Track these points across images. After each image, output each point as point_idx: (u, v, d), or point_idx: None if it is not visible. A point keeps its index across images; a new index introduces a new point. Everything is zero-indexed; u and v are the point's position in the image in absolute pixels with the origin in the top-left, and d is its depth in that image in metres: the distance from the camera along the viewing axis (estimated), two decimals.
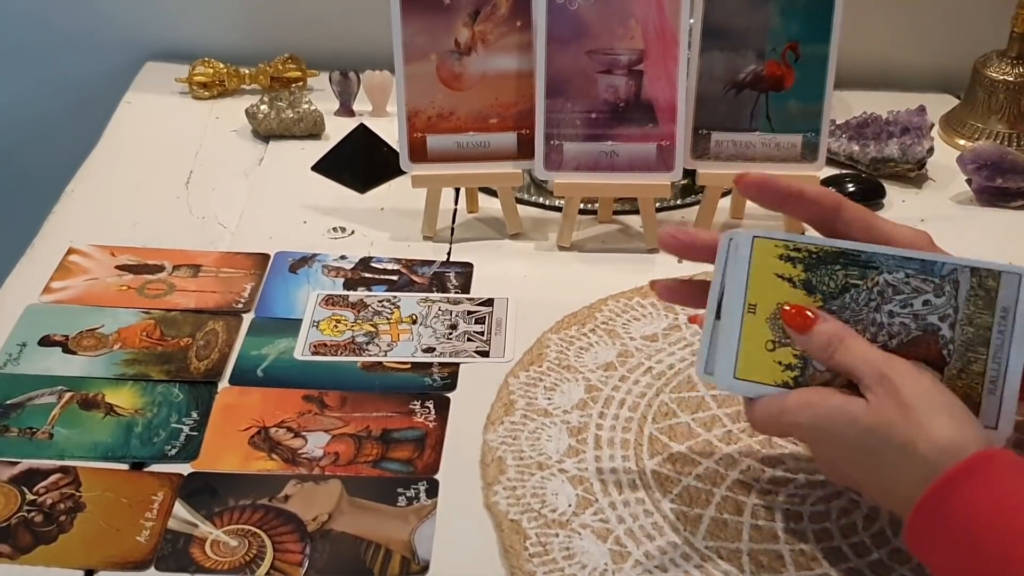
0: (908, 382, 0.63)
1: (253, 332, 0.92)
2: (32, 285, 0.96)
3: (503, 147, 1.02)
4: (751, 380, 0.68)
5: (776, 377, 0.68)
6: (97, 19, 1.35)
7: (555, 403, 0.85)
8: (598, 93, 1.00)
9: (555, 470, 0.78)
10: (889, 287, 0.67)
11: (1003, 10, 1.23)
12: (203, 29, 1.35)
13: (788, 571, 0.71)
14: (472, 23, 0.99)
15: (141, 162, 1.17)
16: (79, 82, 1.38)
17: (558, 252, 1.04)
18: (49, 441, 0.80)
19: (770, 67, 1.00)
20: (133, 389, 0.86)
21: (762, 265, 0.68)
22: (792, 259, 0.68)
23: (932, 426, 0.62)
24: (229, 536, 0.74)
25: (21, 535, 0.73)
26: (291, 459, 0.80)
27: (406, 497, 0.77)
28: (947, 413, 0.62)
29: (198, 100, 1.28)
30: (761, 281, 0.68)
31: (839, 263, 0.67)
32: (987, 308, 0.66)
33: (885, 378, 0.64)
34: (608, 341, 0.91)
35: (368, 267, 1.01)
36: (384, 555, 0.72)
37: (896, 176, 1.16)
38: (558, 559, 0.71)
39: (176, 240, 1.03)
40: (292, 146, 1.20)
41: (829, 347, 0.66)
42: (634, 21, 0.98)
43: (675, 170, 1.01)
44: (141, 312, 0.94)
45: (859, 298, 0.67)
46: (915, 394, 0.63)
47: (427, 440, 0.82)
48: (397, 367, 0.89)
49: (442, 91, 1.00)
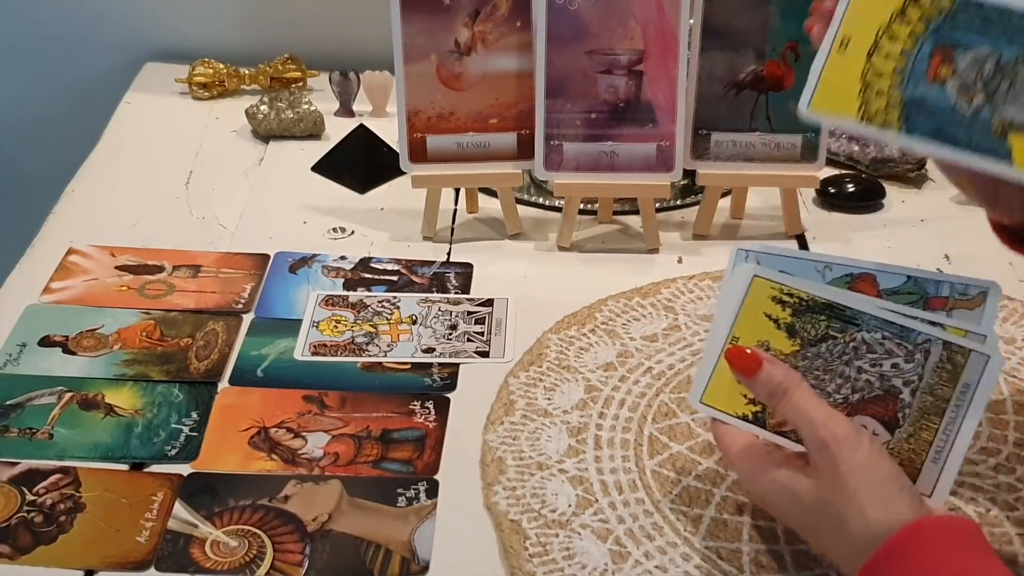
0: (846, 453, 0.64)
1: (253, 332, 0.92)
2: (32, 285, 0.96)
3: (503, 147, 1.02)
4: (714, 407, 0.71)
5: (737, 409, 0.70)
6: (97, 19, 1.35)
7: (555, 403, 0.85)
8: (598, 93, 1.00)
9: (555, 470, 0.78)
10: (864, 344, 0.69)
11: None
12: (203, 29, 1.35)
13: (788, 571, 0.71)
14: (472, 23, 0.99)
15: (141, 162, 1.17)
16: (79, 82, 1.38)
17: (558, 252, 1.04)
18: (49, 441, 0.80)
19: (770, 67, 1.00)
20: (133, 389, 0.86)
21: (755, 302, 0.70)
22: (783, 303, 0.69)
23: (862, 507, 0.62)
24: (229, 536, 0.74)
25: (21, 535, 0.73)
26: (291, 459, 0.80)
27: (406, 497, 0.77)
28: (881, 488, 0.63)
29: (198, 100, 1.28)
30: (750, 317, 0.70)
31: (824, 314, 0.69)
32: (950, 381, 0.67)
33: (825, 448, 0.64)
34: (608, 341, 0.91)
35: (368, 267, 1.01)
36: (384, 555, 0.72)
37: (896, 176, 1.15)
38: (558, 559, 0.71)
39: (176, 240, 1.03)
40: (292, 146, 1.20)
41: (773, 397, 0.67)
42: (634, 21, 0.98)
43: (675, 170, 1.01)
44: (141, 312, 0.94)
45: (834, 350, 0.69)
46: (851, 468, 0.63)
47: (427, 440, 0.82)
48: (397, 367, 0.89)
49: (442, 91, 1.00)
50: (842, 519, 0.63)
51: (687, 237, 1.06)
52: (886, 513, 0.62)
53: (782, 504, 0.67)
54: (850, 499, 0.62)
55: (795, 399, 0.66)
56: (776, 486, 0.67)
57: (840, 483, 0.63)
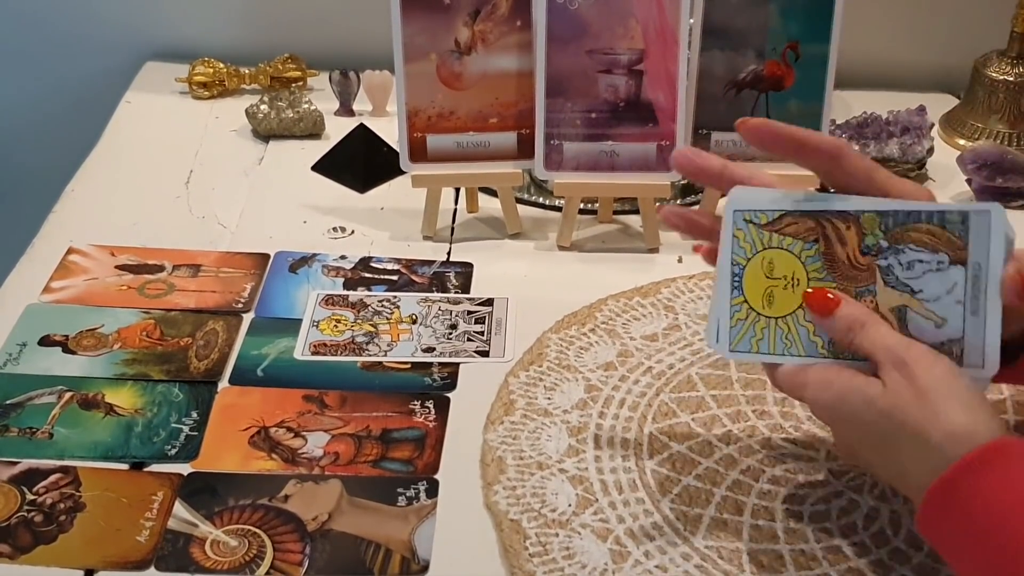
0: (924, 367, 0.63)
1: (253, 332, 0.92)
2: (32, 285, 0.96)
3: (503, 147, 1.02)
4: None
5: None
6: (97, 19, 1.35)
7: (555, 403, 0.85)
8: (598, 93, 1.00)
9: (555, 470, 0.78)
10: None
11: (1003, 10, 1.23)
12: (203, 29, 1.35)
13: (788, 571, 0.71)
14: (472, 23, 0.99)
15: (141, 162, 1.17)
16: (79, 82, 1.38)
17: (558, 252, 1.04)
18: (49, 441, 0.80)
19: (770, 67, 1.00)
20: (133, 389, 0.86)
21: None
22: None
23: (946, 414, 0.62)
24: (229, 536, 0.74)
25: (21, 535, 0.73)
26: (291, 459, 0.80)
27: (406, 497, 0.77)
28: (961, 401, 0.62)
29: (198, 100, 1.28)
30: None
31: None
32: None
33: (903, 363, 0.64)
34: (608, 341, 0.91)
35: (368, 267, 1.01)
36: (384, 555, 0.72)
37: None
38: (558, 559, 0.71)
39: (176, 240, 1.03)
40: (292, 146, 1.20)
41: (850, 332, 0.67)
42: (634, 21, 0.98)
43: (675, 170, 1.01)
44: (141, 312, 0.94)
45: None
46: (931, 380, 0.63)
47: (427, 440, 0.82)
48: (397, 367, 0.89)
49: (442, 91, 1.00)
50: (920, 428, 0.62)
51: (687, 237, 1.06)
52: (969, 420, 0.61)
53: (854, 411, 0.65)
54: (930, 408, 0.62)
55: (871, 331, 0.66)
56: (851, 390, 0.65)
57: (920, 393, 0.62)
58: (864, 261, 0.68)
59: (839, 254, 0.69)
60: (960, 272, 0.66)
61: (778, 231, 0.70)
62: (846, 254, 0.68)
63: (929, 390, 0.63)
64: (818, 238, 0.69)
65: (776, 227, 0.70)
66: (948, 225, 0.65)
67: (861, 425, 0.66)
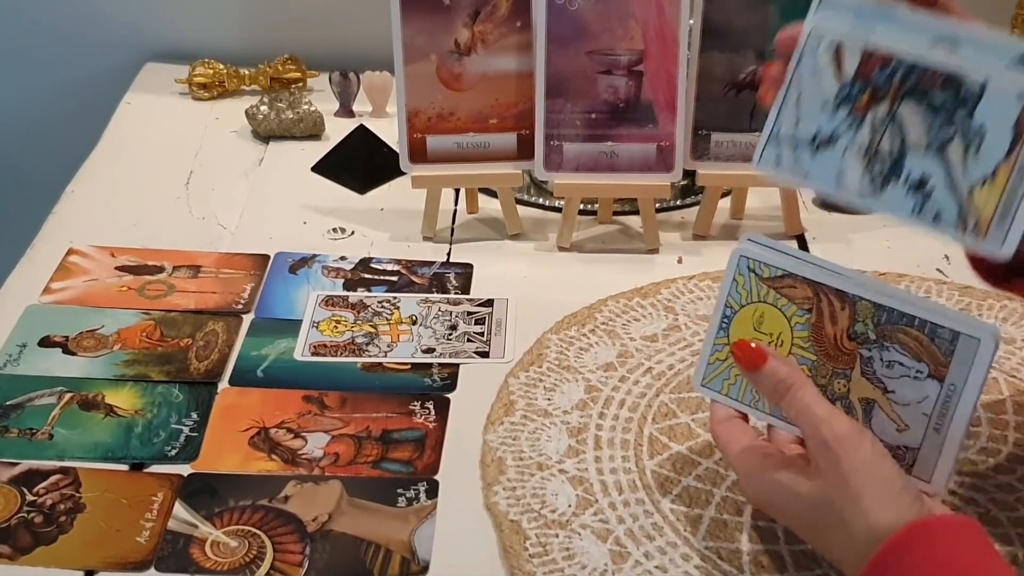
0: (849, 452, 0.63)
1: (253, 333, 0.92)
2: (32, 285, 0.96)
3: (503, 147, 1.02)
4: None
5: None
6: (97, 19, 1.35)
7: (555, 403, 0.85)
8: (598, 93, 1.00)
9: (555, 470, 0.78)
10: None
11: (1003, 10, 1.23)
12: (203, 29, 1.35)
13: (788, 571, 0.71)
14: (472, 23, 0.99)
15: (141, 162, 1.17)
16: (79, 83, 1.38)
17: (558, 252, 1.04)
18: (49, 442, 0.80)
19: None
20: (133, 390, 0.86)
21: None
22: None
23: (868, 504, 0.62)
24: (229, 537, 0.74)
25: (21, 536, 0.73)
26: (291, 460, 0.80)
27: (406, 497, 0.77)
28: (884, 487, 0.62)
29: (198, 101, 1.28)
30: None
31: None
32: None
33: (827, 446, 0.64)
34: (608, 341, 0.91)
35: (368, 268, 1.01)
36: (384, 555, 0.72)
37: None
38: (558, 559, 0.71)
39: (176, 241, 1.03)
40: (292, 147, 1.20)
41: (776, 392, 0.67)
42: (634, 22, 0.98)
43: (675, 170, 1.01)
44: (141, 313, 0.94)
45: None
46: (853, 467, 0.63)
47: (427, 440, 0.82)
48: (397, 368, 0.89)
49: (442, 91, 1.01)
50: (844, 519, 0.63)
51: (687, 237, 1.06)
52: (889, 513, 0.62)
53: (783, 505, 0.67)
54: (853, 499, 0.62)
55: (798, 395, 0.66)
56: (777, 486, 0.67)
57: (842, 483, 0.63)
58: (849, 346, 0.68)
59: (827, 331, 0.69)
60: (935, 387, 0.66)
61: (777, 289, 0.70)
62: (834, 334, 0.68)
63: (851, 478, 0.63)
64: (812, 308, 0.69)
65: (776, 284, 0.70)
66: (937, 340, 0.65)
67: (789, 515, 0.67)
